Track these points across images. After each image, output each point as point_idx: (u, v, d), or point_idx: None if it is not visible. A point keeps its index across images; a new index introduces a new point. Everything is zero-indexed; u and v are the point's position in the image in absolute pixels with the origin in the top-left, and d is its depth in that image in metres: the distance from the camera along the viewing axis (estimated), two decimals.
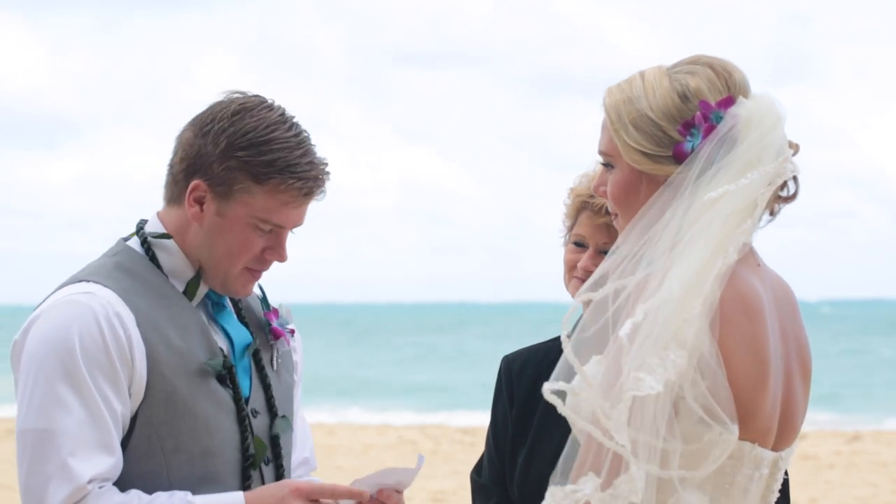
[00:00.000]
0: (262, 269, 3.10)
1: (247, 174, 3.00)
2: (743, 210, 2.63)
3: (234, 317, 3.20)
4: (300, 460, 3.36)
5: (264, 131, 3.00)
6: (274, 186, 3.00)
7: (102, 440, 2.91)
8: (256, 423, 3.12)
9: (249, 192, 3.01)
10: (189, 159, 3.04)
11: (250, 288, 3.13)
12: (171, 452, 2.98)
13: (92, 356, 2.91)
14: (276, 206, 3.02)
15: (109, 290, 2.98)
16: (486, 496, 3.71)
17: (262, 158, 2.99)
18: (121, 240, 3.15)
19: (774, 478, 2.75)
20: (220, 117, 3.03)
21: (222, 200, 3.02)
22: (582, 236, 3.60)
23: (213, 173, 3.01)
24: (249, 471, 3.08)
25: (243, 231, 3.03)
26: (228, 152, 3.00)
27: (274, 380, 3.22)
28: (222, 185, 3.01)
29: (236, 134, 3.00)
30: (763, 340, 2.65)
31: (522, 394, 3.70)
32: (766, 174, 2.65)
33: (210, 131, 3.02)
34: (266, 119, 3.02)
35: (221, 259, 3.06)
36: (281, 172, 2.99)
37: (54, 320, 2.94)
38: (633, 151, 2.69)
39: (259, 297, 3.32)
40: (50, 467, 2.88)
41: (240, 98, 3.07)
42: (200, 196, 3.04)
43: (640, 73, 2.74)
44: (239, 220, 3.03)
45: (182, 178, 3.06)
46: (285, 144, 3.01)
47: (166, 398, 2.97)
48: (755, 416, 2.64)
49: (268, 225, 3.04)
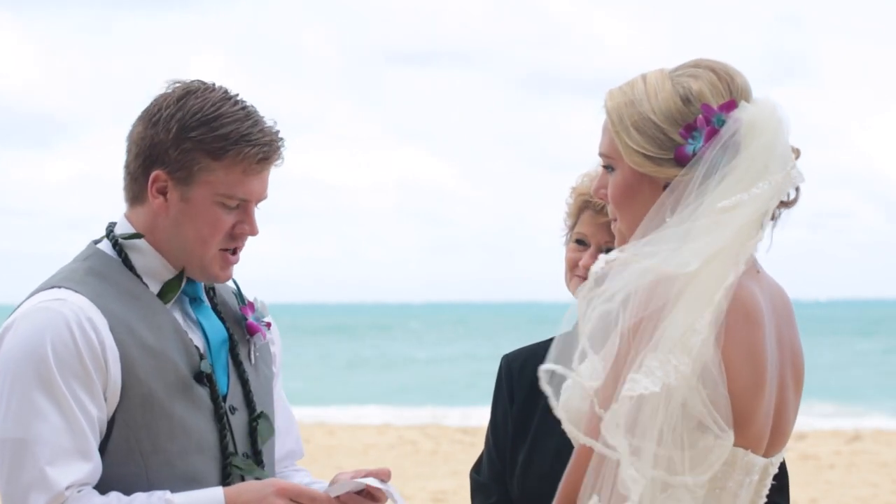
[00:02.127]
0: (237, 246, 3.11)
1: (203, 153, 3.02)
2: (756, 221, 2.64)
3: (211, 311, 3.20)
4: (285, 452, 3.37)
5: (211, 109, 3.04)
6: (231, 159, 3.03)
7: (79, 446, 2.91)
8: (235, 420, 3.13)
9: (209, 169, 3.03)
10: (144, 152, 3.06)
11: (230, 271, 3.14)
12: (149, 454, 2.99)
13: (65, 363, 2.92)
14: (237, 179, 3.04)
15: (81, 296, 2.98)
16: (486, 494, 3.72)
17: (215, 134, 3.02)
18: (91, 243, 3.16)
19: (763, 484, 2.75)
20: (165, 105, 3.06)
21: (184, 185, 3.04)
22: (584, 235, 3.60)
23: (170, 160, 3.03)
24: (230, 469, 3.09)
25: (210, 211, 3.05)
26: (181, 135, 3.02)
27: (252, 374, 3.22)
28: (182, 170, 3.03)
29: (185, 116, 3.03)
30: (761, 348, 2.65)
31: (522, 392, 3.71)
32: (776, 184, 2.65)
33: (159, 120, 3.05)
34: (210, 98, 3.06)
35: (195, 245, 3.07)
36: (236, 143, 3.02)
37: (27, 328, 2.95)
38: (634, 154, 2.69)
39: (234, 291, 3.32)
40: (28, 476, 2.89)
41: (181, 85, 3.10)
42: (162, 186, 3.06)
43: (642, 76, 2.74)
44: (204, 200, 3.05)
45: (141, 174, 3.08)
46: (234, 117, 3.04)
47: (142, 401, 2.98)
48: (750, 423, 2.63)
49: (233, 200, 3.06)
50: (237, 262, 3.14)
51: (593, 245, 3.58)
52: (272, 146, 3.07)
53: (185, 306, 3.16)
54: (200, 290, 3.20)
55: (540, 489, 3.58)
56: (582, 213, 3.61)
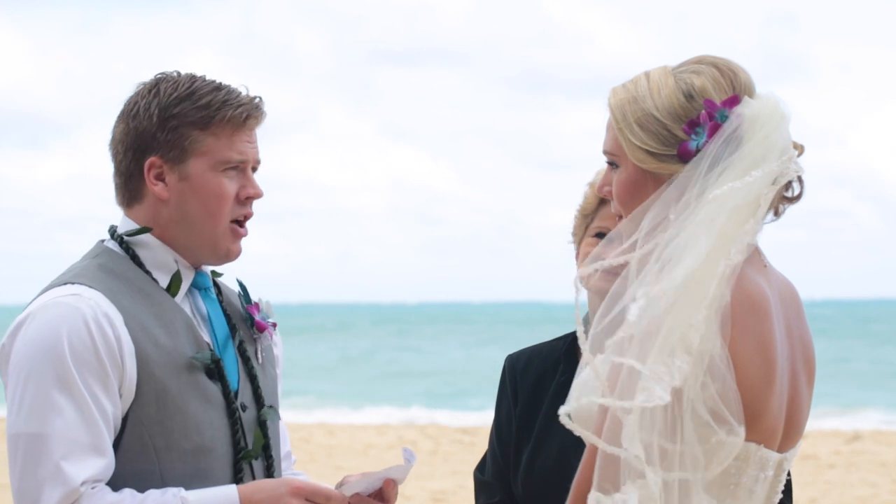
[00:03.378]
0: (247, 212, 3.14)
1: (190, 126, 3.07)
2: (745, 208, 2.63)
3: (218, 305, 3.21)
4: (283, 454, 3.37)
5: (185, 87, 3.10)
6: (217, 124, 3.07)
7: (94, 442, 2.91)
8: (245, 417, 3.13)
9: (199, 140, 3.07)
10: (133, 146, 3.09)
11: (239, 246, 3.15)
12: (162, 451, 2.98)
13: (81, 358, 2.92)
14: (228, 143, 3.09)
15: (96, 291, 2.98)
16: (489, 493, 3.72)
17: (196, 105, 3.07)
18: (99, 242, 3.16)
19: (778, 479, 2.74)
20: (140, 97, 3.11)
21: (180, 164, 3.08)
22: (607, 229, 3.56)
23: (160, 143, 3.07)
24: (241, 464, 3.09)
25: (211, 181, 3.08)
26: (164, 115, 3.07)
27: (260, 373, 3.23)
28: (174, 149, 3.07)
29: (163, 100, 3.08)
30: (770, 342, 2.64)
31: (526, 392, 3.71)
32: (769, 172, 2.64)
33: (138, 112, 3.09)
34: (181, 80, 3.12)
35: (205, 220, 3.09)
36: (218, 109, 3.07)
37: (42, 323, 2.94)
38: (638, 151, 2.69)
39: (238, 292, 3.33)
40: (43, 471, 2.88)
41: (149, 79, 3.15)
42: (159, 171, 3.08)
43: (645, 73, 2.74)
44: (203, 173, 3.08)
45: (135, 168, 3.10)
46: (209, 88, 3.11)
47: (157, 397, 2.97)
48: (761, 418, 2.63)
49: (230, 164, 3.09)
50: (246, 235, 3.16)
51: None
52: (252, 103, 3.12)
53: (195, 300, 3.17)
54: (208, 280, 3.21)
55: (543, 488, 3.58)
56: (602, 208, 3.58)
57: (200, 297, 3.18)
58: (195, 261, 3.15)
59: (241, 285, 3.34)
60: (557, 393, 3.64)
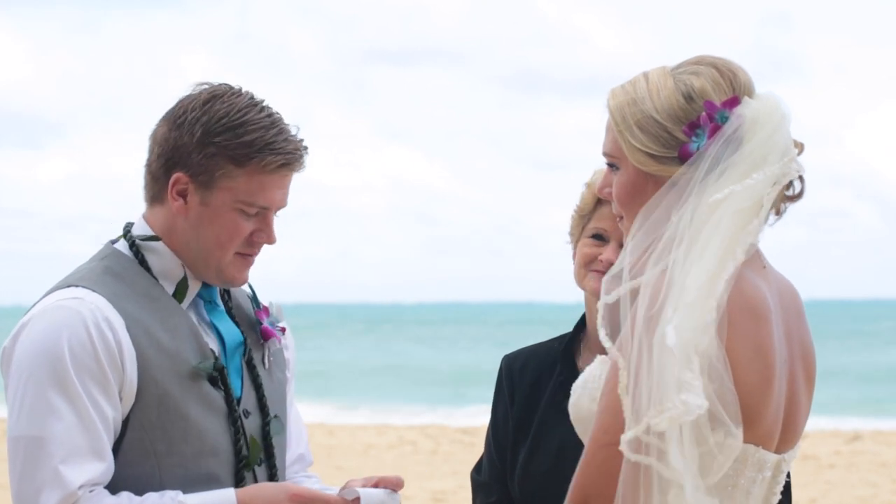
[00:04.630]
0: (253, 253, 3.11)
1: (226, 159, 3.01)
2: (749, 209, 2.62)
3: (226, 315, 3.20)
4: (295, 457, 3.36)
5: (237, 115, 3.02)
6: (254, 166, 3.01)
7: (93, 446, 2.91)
8: (248, 424, 3.12)
9: (231, 176, 3.01)
10: (167, 154, 3.05)
11: (245, 274, 3.13)
12: (163, 455, 2.98)
13: (82, 362, 2.91)
14: (258, 187, 3.03)
15: (98, 295, 2.98)
16: (486, 494, 3.72)
17: (240, 140, 3.00)
18: (109, 242, 3.15)
19: (776, 480, 2.74)
20: (191, 108, 3.04)
21: (205, 190, 3.03)
22: (603, 229, 3.57)
23: (192, 163, 3.02)
24: (243, 472, 3.08)
25: (229, 217, 3.04)
26: (205, 140, 3.01)
27: (266, 379, 3.21)
28: (203, 174, 3.02)
29: (210, 121, 3.01)
30: (768, 343, 2.64)
31: (523, 392, 3.71)
32: (771, 174, 2.63)
33: (184, 122, 3.03)
34: (237, 104, 3.04)
35: (213, 248, 3.06)
36: (260, 151, 3.00)
37: (44, 326, 2.94)
38: (638, 153, 2.68)
39: (249, 295, 3.32)
40: (41, 474, 2.88)
41: (208, 88, 3.08)
42: (183, 189, 3.04)
43: (644, 75, 2.73)
44: (224, 206, 3.03)
45: (162, 175, 3.06)
46: (260, 125, 3.02)
47: (158, 402, 2.97)
48: (759, 419, 2.62)
49: (253, 208, 3.04)
50: (253, 264, 3.13)
51: (614, 240, 3.54)
52: (295, 154, 3.06)
53: (199, 309, 3.15)
54: (216, 294, 3.19)
55: (540, 489, 3.58)
56: (598, 208, 3.58)
57: (205, 308, 3.16)
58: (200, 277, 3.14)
59: (251, 288, 3.32)
60: (554, 393, 3.64)
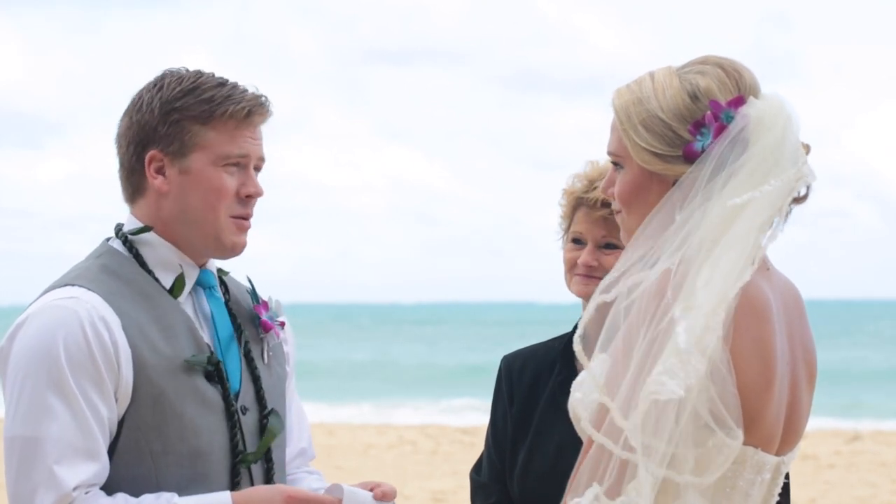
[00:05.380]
0: (246, 212, 3.12)
1: (191, 120, 3.05)
2: (768, 216, 2.63)
3: (223, 304, 3.19)
4: (297, 451, 3.36)
5: (189, 82, 3.09)
6: (219, 119, 3.06)
7: (88, 446, 2.90)
8: (245, 420, 3.11)
9: (200, 135, 3.06)
10: (134, 140, 3.08)
11: (243, 238, 3.13)
12: (159, 455, 2.97)
13: (77, 362, 2.91)
14: (228, 139, 3.07)
15: (94, 294, 2.98)
16: (486, 494, 3.73)
17: (199, 99, 3.06)
18: (104, 241, 3.16)
19: (776, 482, 2.73)
20: (144, 92, 3.11)
21: (181, 158, 3.06)
22: (580, 233, 3.63)
23: (161, 137, 3.06)
24: (239, 468, 3.07)
25: (211, 175, 3.06)
26: (166, 109, 3.06)
27: (264, 373, 3.21)
28: (174, 143, 3.06)
29: (165, 93, 3.07)
30: (770, 345, 2.64)
31: (522, 393, 3.72)
32: (787, 181, 2.64)
33: (141, 107, 3.09)
34: (186, 75, 3.12)
35: (205, 213, 3.07)
36: (221, 104, 3.05)
37: (39, 326, 2.94)
38: (643, 152, 2.69)
39: (248, 290, 3.32)
40: (36, 475, 2.88)
41: (153, 78, 3.15)
42: (159, 165, 3.07)
43: (650, 74, 2.73)
44: (203, 167, 3.06)
45: (136, 161, 3.09)
46: (213, 83, 3.09)
47: (153, 401, 2.96)
48: (760, 421, 2.62)
49: (230, 160, 3.07)
50: (250, 228, 3.15)
51: (590, 241, 3.61)
52: (256, 100, 3.10)
53: (198, 298, 3.15)
54: (213, 279, 3.19)
55: (540, 489, 3.59)
56: (576, 213, 3.64)
57: (205, 296, 3.16)
58: (199, 257, 3.14)
59: (250, 283, 3.32)
60: (553, 393, 3.66)
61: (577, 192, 3.63)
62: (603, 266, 3.55)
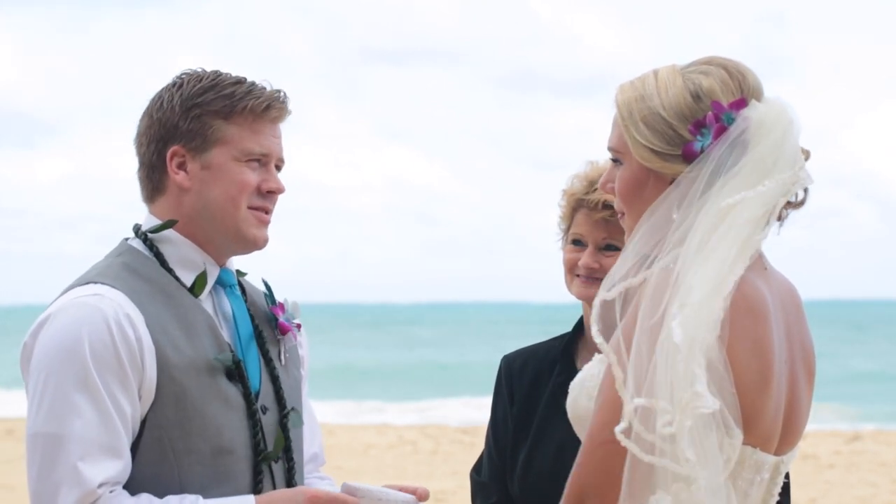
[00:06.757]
0: (266, 207, 3.13)
1: (213, 115, 3.08)
2: (760, 216, 2.62)
3: (242, 302, 3.19)
4: (309, 456, 3.35)
5: (209, 80, 3.11)
6: (240, 114, 3.08)
7: (112, 444, 2.89)
8: (266, 420, 3.11)
9: (222, 131, 3.08)
10: (156, 137, 3.10)
11: (264, 232, 3.14)
12: (181, 454, 2.96)
13: (102, 359, 2.90)
14: (250, 134, 3.09)
15: (118, 292, 2.97)
16: (486, 494, 3.73)
17: (220, 95, 3.08)
18: (123, 240, 3.15)
19: (775, 482, 2.73)
20: (164, 91, 3.13)
21: (203, 153, 3.08)
22: (580, 235, 3.62)
23: (183, 132, 3.08)
24: (261, 467, 3.07)
25: (233, 170, 3.08)
26: (187, 105, 3.08)
27: (282, 374, 3.20)
28: (196, 139, 3.07)
29: (186, 91, 3.10)
30: (768, 344, 2.63)
31: (523, 392, 3.73)
32: (782, 182, 2.64)
33: (162, 105, 3.11)
34: (205, 74, 3.14)
35: (225, 206, 3.08)
36: (242, 99, 3.08)
37: (64, 323, 2.92)
38: (642, 148, 2.69)
39: (265, 292, 3.31)
40: (60, 472, 2.86)
41: (172, 79, 3.17)
42: (181, 161, 3.09)
43: (654, 72, 2.73)
44: (225, 162, 3.07)
45: (157, 159, 3.10)
46: (231, 80, 3.12)
47: (176, 400, 2.95)
48: (758, 420, 2.62)
49: (253, 156, 3.09)
50: (269, 222, 3.15)
51: (591, 243, 3.60)
52: (276, 96, 3.12)
53: (218, 297, 3.15)
54: (233, 277, 3.19)
55: (540, 488, 3.59)
56: (576, 214, 3.64)
57: (225, 295, 3.16)
58: (220, 254, 3.14)
59: (266, 285, 3.32)
60: (554, 393, 3.66)
61: (577, 193, 3.63)
62: (604, 268, 3.55)
